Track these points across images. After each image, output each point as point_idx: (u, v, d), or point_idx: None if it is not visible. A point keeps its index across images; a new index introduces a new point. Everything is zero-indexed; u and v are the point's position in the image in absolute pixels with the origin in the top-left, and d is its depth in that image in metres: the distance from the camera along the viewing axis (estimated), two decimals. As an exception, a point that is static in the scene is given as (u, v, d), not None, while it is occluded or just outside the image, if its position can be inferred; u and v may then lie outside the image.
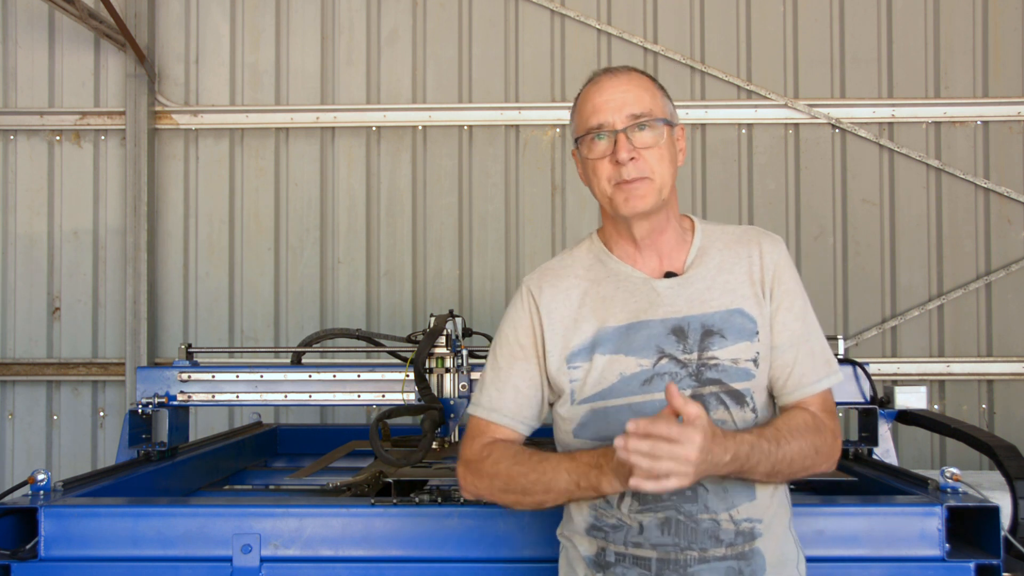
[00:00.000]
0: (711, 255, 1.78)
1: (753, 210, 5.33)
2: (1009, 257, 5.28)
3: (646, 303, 1.73)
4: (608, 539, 1.71)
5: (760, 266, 1.76)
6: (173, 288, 5.47)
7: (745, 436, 1.58)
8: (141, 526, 2.16)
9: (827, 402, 1.76)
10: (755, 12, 5.41)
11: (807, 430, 1.67)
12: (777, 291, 1.75)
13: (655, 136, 1.71)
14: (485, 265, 5.42)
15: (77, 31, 5.46)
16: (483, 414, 1.82)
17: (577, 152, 1.80)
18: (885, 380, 4.69)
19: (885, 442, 3.02)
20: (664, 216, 1.77)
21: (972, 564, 2.05)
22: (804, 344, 1.75)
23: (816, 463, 1.69)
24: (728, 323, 1.71)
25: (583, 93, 1.80)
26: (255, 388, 3.14)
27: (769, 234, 1.82)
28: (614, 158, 1.70)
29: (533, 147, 5.44)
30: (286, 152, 5.50)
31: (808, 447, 1.66)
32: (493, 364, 1.85)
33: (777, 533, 1.72)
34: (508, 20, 5.47)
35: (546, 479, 1.66)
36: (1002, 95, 5.32)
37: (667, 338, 1.70)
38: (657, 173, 1.71)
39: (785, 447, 1.62)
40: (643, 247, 1.78)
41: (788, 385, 1.74)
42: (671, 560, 1.65)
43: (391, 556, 2.15)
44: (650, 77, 1.80)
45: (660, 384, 1.67)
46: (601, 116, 1.72)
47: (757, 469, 1.60)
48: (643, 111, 1.71)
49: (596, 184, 1.75)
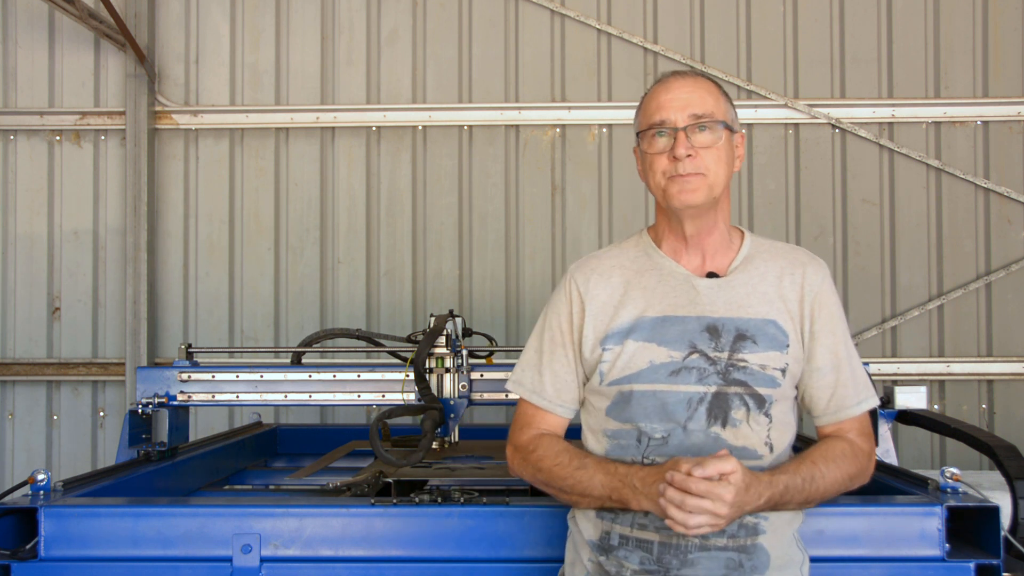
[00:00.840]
0: (756, 265, 1.85)
1: (753, 210, 5.33)
2: (1009, 257, 5.29)
3: (685, 299, 1.80)
4: (616, 521, 1.75)
5: (802, 287, 1.83)
6: (173, 288, 5.47)
7: (780, 479, 1.66)
8: (141, 526, 2.16)
9: (864, 425, 1.84)
10: (755, 12, 5.41)
11: (843, 460, 1.76)
12: (820, 315, 1.82)
13: (714, 137, 1.78)
14: (485, 265, 5.42)
15: (77, 31, 5.46)
16: (525, 394, 1.92)
17: (637, 148, 1.87)
18: (885, 380, 4.70)
19: (885, 442, 3.02)
20: (713, 217, 1.83)
21: (972, 564, 2.05)
22: (846, 367, 1.83)
23: (850, 487, 1.80)
24: (761, 331, 1.77)
25: (650, 91, 1.86)
26: (255, 388, 3.14)
27: (816, 258, 1.90)
28: (672, 154, 1.76)
29: (533, 147, 5.44)
30: (286, 152, 5.50)
31: (843, 477, 1.76)
32: (536, 347, 1.94)
33: (783, 534, 1.74)
34: (508, 20, 5.47)
35: (582, 486, 1.75)
36: (1002, 95, 5.32)
37: (700, 335, 1.76)
38: (712, 171, 1.78)
39: (820, 482, 1.72)
40: (691, 244, 1.85)
41: (831, 406, 1.82)
42: (672, 545, 1.68)
43: (391, 556, 2.15)
44: (716, 83, 1.86)
45: (687, 377, 1.74)
46: (664, 113, 1.79)
47: (790, 504, 1.70)
48: (705, 112, 1.78)
49: (652, 177, 1.82)
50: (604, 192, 5.39)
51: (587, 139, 5.42)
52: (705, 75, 1.87)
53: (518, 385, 1.94)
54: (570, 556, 1.88)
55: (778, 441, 1.77)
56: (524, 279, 5.38)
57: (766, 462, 1.75)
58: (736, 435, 1.73)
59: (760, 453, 1.75)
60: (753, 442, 1.74)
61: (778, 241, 1.95)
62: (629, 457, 1.76)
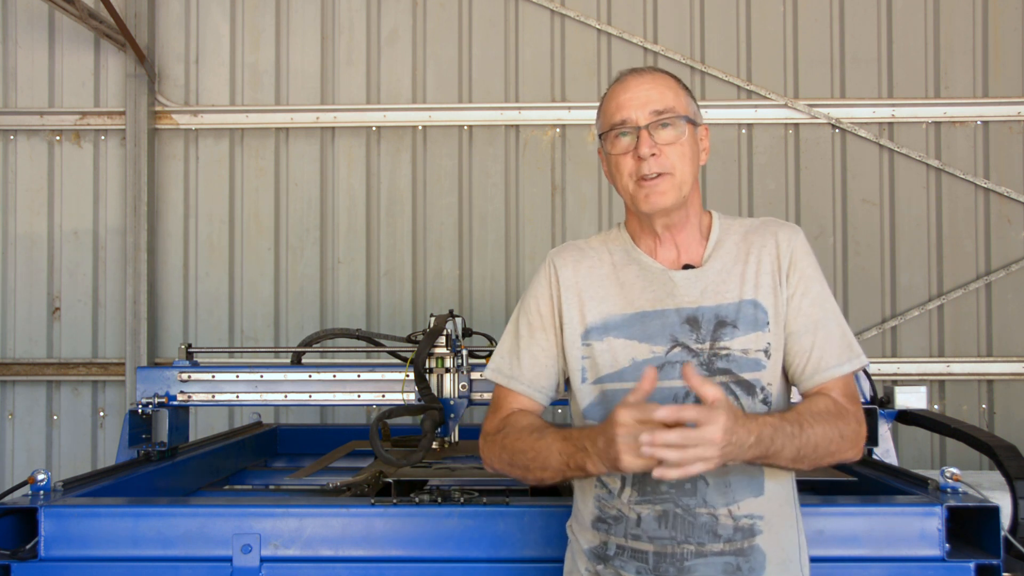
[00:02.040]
0: (727, 247, 1.80)
1: (753, 210, 5.33)
2: (1009, 257, 5.29)
3: (663, 293, 1.76)
4: (611, 532, 1.72)
5: (776, 254, 1.77)
6: (173, 288, 5.47)
7: (768, 419, 1.56)
8: (141, 526, 2.16)
9: (848, 387, 1.75)
10: (755, 12, 5.41)
11: (829, 415, 1.65)
12: (793, 276, 1.76)
13: (677, 133, 1.74)
14: (485, 265, 5.42)
15: (77, 31, 5.46)
16: (503, 381, 1.85)
17: (602, 150, 1.83)
18: (885, 380, 4.70)
19: (885, 442, 3.02)
20: (684, 213, 1.80)
21: (972, 564, 2.05)
22: (822, 329, 1.74)
23: (841, 448, 1.66)
24: (741, 314, 1.72)
25: (609, 91, 1.82)
26: (255, 388, 3.14)
27: (786, 224, 1.84)
28: (636, 154, 1.73)
29: (533, 147, 5.44)
30: (286, 152, 5.50)
31: (832, 431, 1.63)
32: (513, 331, 1.89)
33: (780, 532, 1.72)
34: (508, 20, 5.47)
35: (542, 457, 1.66)
36: (1002, 95, 5.32)
37: (681, 327, 1.72)
38: (678, 169, 1.74)
39: (808, 431, 1.60)
40: (663, 240, 1.81)
41: (807, 370, 1.73)
42: (668, 554, 1.66)
43: (391, 556, 2.15)
44: (674, 77, 1.82)
45: (671, 372, 1.69)
46: (624, 112, 1.75)
47: (782, 453, 1.57)
48: (665, 108, 1.74)
49: (619, 179, 1.78)
50: (604, 192, 5.39)
51: (587, 139, 5.42)
52: (662, 70, 1.83)
53: (496, 372, 1.87)
54: (568, 565, 1.86)
55: None
56: (524, 279, 5.37)
57: None
58: None
59: None
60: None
61: (748, 217, 1.90)
62: None
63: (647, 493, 1.68)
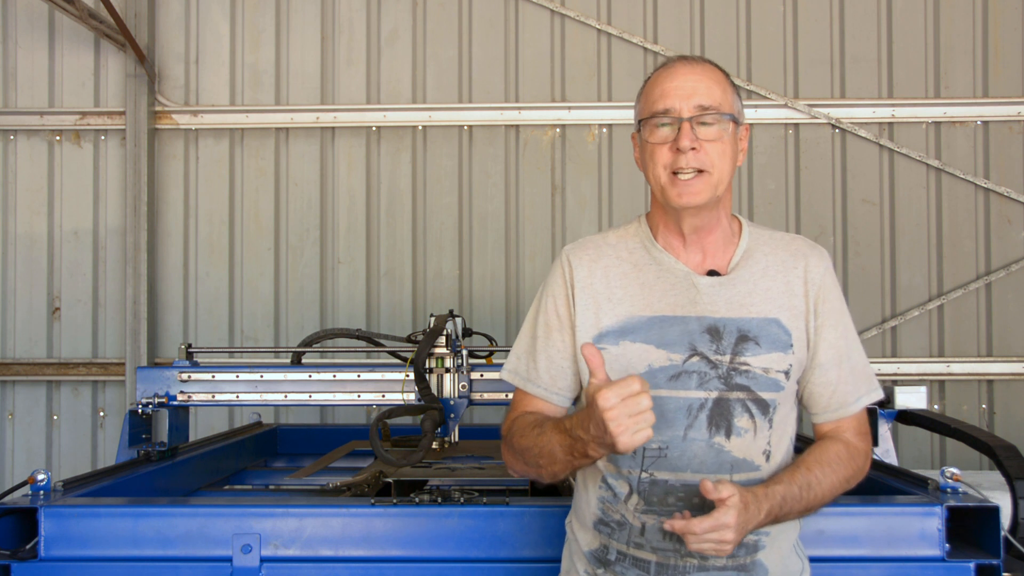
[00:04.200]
0: (756, 259, 1.75)
1: (753, 210, 5.33)
2: (1009, 257, 5.29)
3: (685, 298, 1.70)
4: (612, 536, 1.70)
5: (804, 280, 1.74)
6: (173, 288, 5.47)
7: (777, 490, 1.59)
8: (141, 526, 2.16)
9: (862, 423, 1.77)
10: (755, 12, 5.41)
11: (840, 463, 1.68)
12: (823, 309, 1.73)
13: (720, 131, 1.66)
14: (485, 265, 5.42)
15: (77, 31, 5.46)
16: (519, 383, 1.81)
17: (637, 135, 1.76)
18: (885, 380, 4.70)
19: (885, 442, 3.02)
20: (715, 215, 1.73)
21: (972, 564, 2.05)
22: (846, 362, 1.74)
23: (847, 488, 1.72)
24: (764, 331, 1.68)
25: (654, 76, 1.74)
26: (255, 388, 3.14)
27: (816, 247, 1.80)
28: (675, 146, 1.65)
29: (533, 147, 5.44)
30: (286, 152, 5.50)
31: (840, 481, 1.68)
32: (530, 331, 1.82)
33: (782, 547, 1.71)
34: (508, 20, 5.47)
35: (547, 452, 1.63)
36: (1002, 95, 5.32)
37: (701, 336, 1.67)
38: (716, 167, 1.66)
39: (816, 487, 1.64)
40: (689, 241, 1.74)
41: (831, 404, 1.74)
42: (670, 565, 1.65)
43: (391, 556, 2.15)
44: (724, 72, 1.74)
45: (687, 381, 1.65)
46: (668, 101, 1.67)
47: (791, 515, 1.63)
48: (712, 103, 1.66)
49: (651, 169, 1.70)
50: (604, 192, 5.39)
51: (587, 139, 5.42)
52: (712, 62, 1.74)
53: (513, 374, 1.82)
54: (566, 564, 1.83)
55: (776, 448, 1.70)
56: (524, 279, 5.38)
57: (764, 473, 1.67)
58: (738, 445, 1.65)
59: (757, 464, 1.67)
60: (753, 453, 1.66)
61: (776, 230, 1.84)
62: (625, 469, 1.68)
63: (654, 504, 1.66)
